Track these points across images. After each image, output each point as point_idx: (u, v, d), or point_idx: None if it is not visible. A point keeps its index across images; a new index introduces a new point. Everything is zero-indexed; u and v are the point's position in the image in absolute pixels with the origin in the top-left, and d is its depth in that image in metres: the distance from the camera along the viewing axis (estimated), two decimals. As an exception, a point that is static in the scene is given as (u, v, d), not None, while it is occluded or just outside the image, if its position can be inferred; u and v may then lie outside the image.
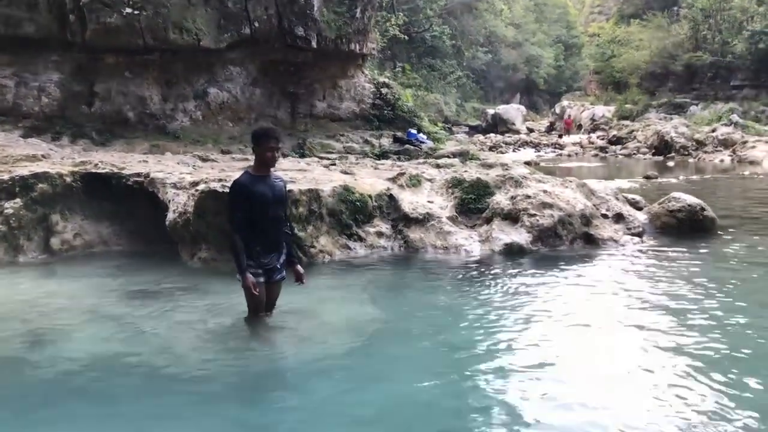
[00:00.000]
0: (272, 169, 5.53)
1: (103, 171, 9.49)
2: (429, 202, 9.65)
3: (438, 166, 11.64)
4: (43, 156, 10.42)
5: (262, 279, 5.42)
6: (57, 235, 8.87)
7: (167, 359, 5.03)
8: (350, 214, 8.97)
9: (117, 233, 9.41)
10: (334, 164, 12.09)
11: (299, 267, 5.71)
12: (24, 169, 9.12)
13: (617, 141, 33.97)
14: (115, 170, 9.52)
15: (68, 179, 9.09)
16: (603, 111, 42.96)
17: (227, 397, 4.40)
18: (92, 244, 9.16)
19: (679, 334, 5.46)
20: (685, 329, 5.59)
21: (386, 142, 17.86)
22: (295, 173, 9.79)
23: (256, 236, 5.34)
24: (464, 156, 15.01)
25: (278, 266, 5.52)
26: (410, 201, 9.49)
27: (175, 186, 8.74)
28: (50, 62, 14.12)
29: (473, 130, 45.11)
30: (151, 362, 4.99)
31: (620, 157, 30.39)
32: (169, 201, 8.61)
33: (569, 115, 43.91)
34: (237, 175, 5.94)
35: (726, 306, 6.25)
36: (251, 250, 5.34)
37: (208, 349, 5.28)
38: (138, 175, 9.34)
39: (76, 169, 9.44)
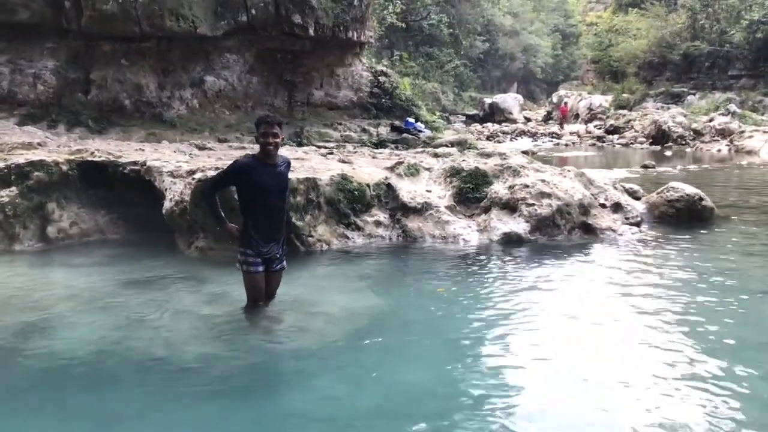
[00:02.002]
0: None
1: (100, 159, 9.43)
2: (427, 191, 9.62)
3: (436, 155, 11.61)
4: (39, 144, 10.36)
5: (261, 268, 5.38)
6: (53, 224, 8.82)
7: (164, 349, 5.00)
8: (348, 203, 8.94)
9: (114, 222, 9.36)
10: (332, 153, 12.04)
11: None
12: (20, 157, 9.05)
13: (614, 130, 33.91)
14: (112, 158, 9.47)
15: (64, 167, 9.03)
16: (600, 100, 42.80)
17: (223, 388, 4.37)
18: (89, 232, 9.12)
19: (675, 324, 5.46)
20: (680, 319, 5.58)
21: (384, 130, 17.83)
22: (293, 162, 9.68)
23: (254, 225, 5.29)
24: (462, 145, 15.00)
25: (278, 255, 5.49)
26: (408, 190, 9.46)
27: (171, 174, 8.69)
28: (46, 49, 14.04)
29: (470, 119, 45.07)
30: (148, 352, 4.96)
31: (617, 146, 30.35)
32: (166, 189, 8.57)
33: (565, 102, 43.59)
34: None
35: (722, 296, 6.24)
36: (250, 239, 5.29)
37: (205, 338, 5.25)
38: (135, 163, 9.29)
39: (72, 157, 9.39)
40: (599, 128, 36.16)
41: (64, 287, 6.72)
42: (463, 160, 10.57)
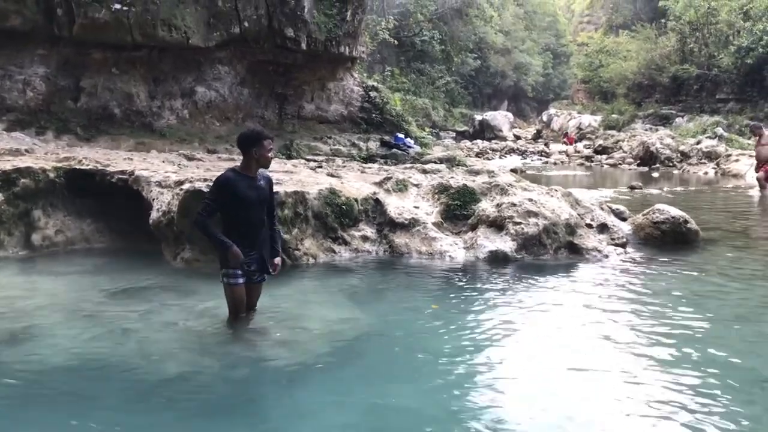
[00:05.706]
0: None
1: (88, 167, 9.40)
2: (415, 207, 9.65)
3: (425, 172, 11.64)
4: (26, 150, 10.33)
5: (241, 280, 5.39)
6: (38, 231, 8.78)
7: (146, 361, 4.97)
8: (336, 217, 8.95)
9: (99, 231, 9.33)
10: (321, 166, 12.07)
11: (278, 259, 5.70)
12: (7, 164, 9.01)
13: (603, 150, 34.13)
14: (100, 167, 9.44)
15: (51, 175, 9.00)
16: (589, 120, 43.22)
17: (203, 403, 4.35)
18: (74, 241, 9.08)
19: (657, 346, 5.46)
20: (663, 341, 5.60)
21: (373, 145, 17.89)
22: (282, 175, 9.75)
23: (238, 238, 5.29)
24: (451, 162, 15.07)
25: (259, 268, 5.49)
26: (396, 206, 9.48)
27: (159, 184, 8.67)
28: (36, 56, 14.02)
29: (460, 135, 45.29)
30: (129, 364, 4.93)
31: (605, 166, 30.53)
32: (154, 199, 8.54)
33: (571, 133, 44.00)
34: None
35: (704, 319, 6.27)
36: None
37: (188, 351, 5.22)
38: (123, 172, 9.27)
39: (59, 164, 9.36)
40: (588, 148, 36.40)
41: (47, 295, 6.67)
42: (452, 177, 10.61)
